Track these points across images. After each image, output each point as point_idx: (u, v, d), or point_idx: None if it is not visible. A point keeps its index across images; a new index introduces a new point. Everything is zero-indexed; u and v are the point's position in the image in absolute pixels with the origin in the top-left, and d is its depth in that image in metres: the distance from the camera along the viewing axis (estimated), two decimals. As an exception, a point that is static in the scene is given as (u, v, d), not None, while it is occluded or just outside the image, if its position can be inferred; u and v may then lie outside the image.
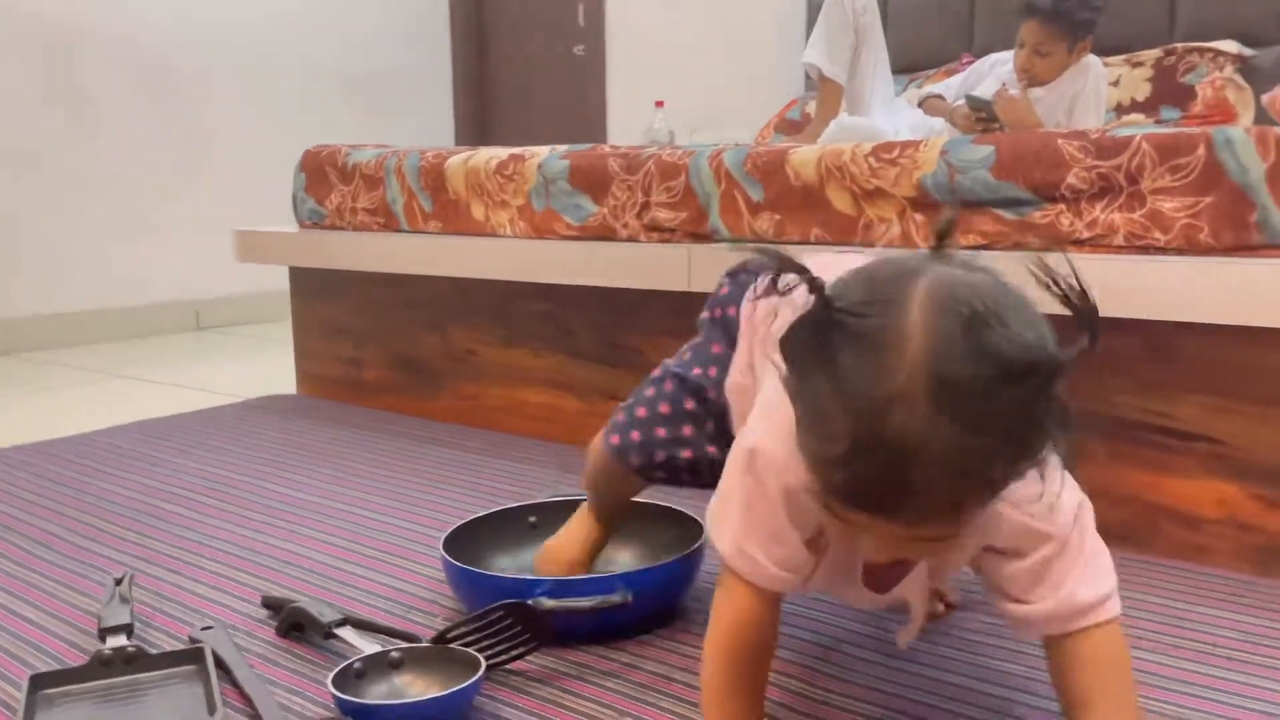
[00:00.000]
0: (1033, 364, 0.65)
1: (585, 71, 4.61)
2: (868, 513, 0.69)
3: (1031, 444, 0.68)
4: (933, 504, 0.67)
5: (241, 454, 1.89)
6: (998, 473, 0.68)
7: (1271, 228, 1.26)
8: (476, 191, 2.00)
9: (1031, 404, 0.66)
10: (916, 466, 0.65)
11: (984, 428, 0.65)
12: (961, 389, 0.64)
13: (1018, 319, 0.67)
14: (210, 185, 3.85)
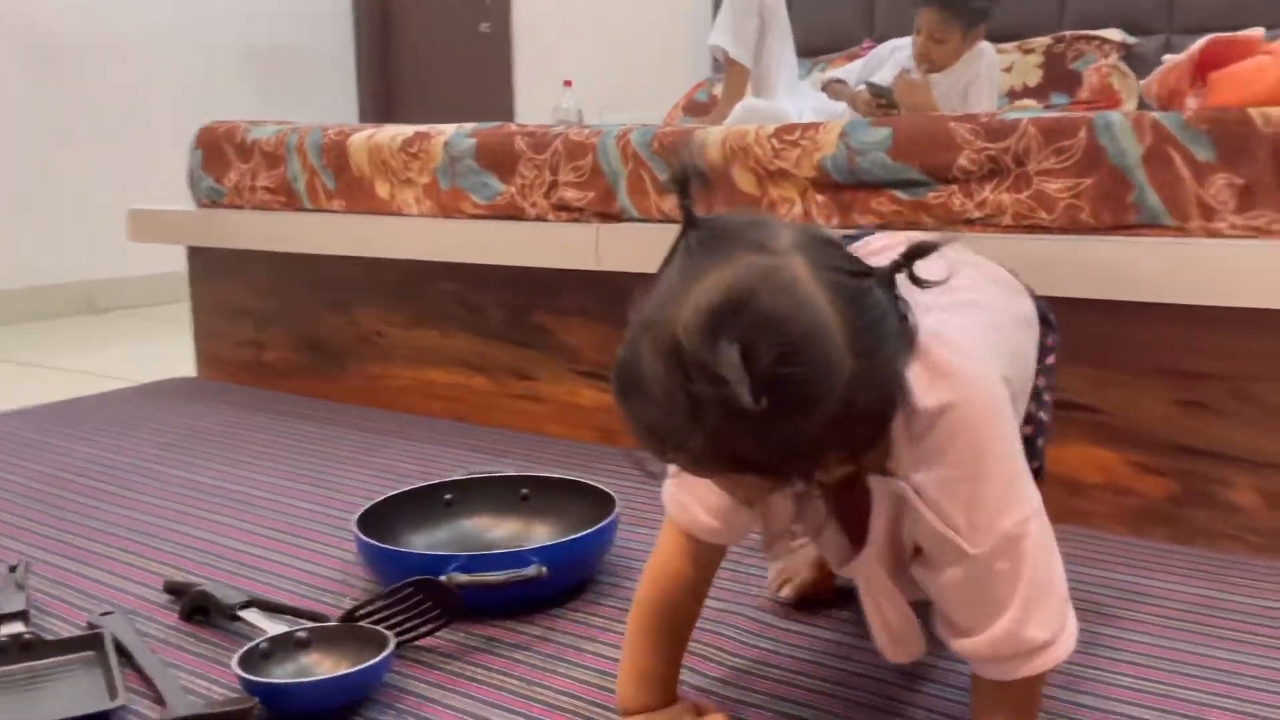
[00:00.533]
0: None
1: (492, 50, 4.57)
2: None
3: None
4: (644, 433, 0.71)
5: (140, 439, 1.84)
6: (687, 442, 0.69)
7: (1147, 208, 1.33)
8: (381, 169, 1.98)
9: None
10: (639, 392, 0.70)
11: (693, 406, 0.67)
12: (700, 363, 0.66)
13: (797, 352, 0.66)
14: (104, 163, 3.71)
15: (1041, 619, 0.78)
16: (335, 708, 0.93)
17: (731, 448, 0.69)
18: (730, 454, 0.69)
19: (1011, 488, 0.77)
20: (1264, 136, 1.26)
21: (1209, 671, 0.99)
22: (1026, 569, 0.77)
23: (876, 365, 0.69)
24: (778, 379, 0.65)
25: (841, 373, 0.67)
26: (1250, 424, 1.30)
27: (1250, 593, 1.17)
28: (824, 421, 0.68)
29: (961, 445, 0.76)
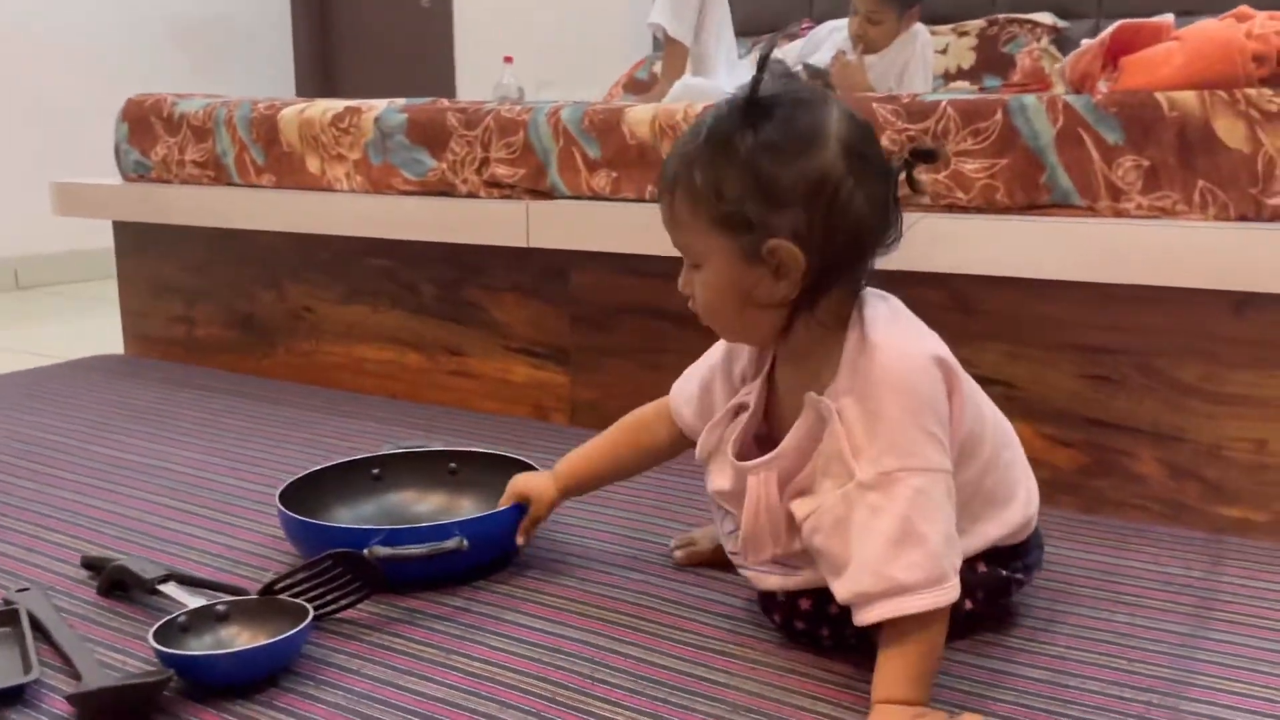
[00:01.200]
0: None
1: (432, 25, 4.52)
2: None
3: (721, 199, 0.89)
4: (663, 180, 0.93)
5: (63, 416, 1.82)
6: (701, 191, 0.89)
7: (1059, 188, 1.37)
8: (311, 144, 1.96)
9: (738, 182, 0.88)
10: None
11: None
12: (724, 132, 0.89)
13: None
14: (27, 136, 3.62)
15: (908, 562, 0.86)
16: (253, 679, 0.93)
17: (719, 180, 0.88)
18: (716, 189, 0.88)
19: (910, 440, 0.88)
20: (1169, 120, 1.30)
21: (1103, 634, 1.04)
22: (899, 509, 0.87)
23: (853, 187, 0.87)
24: (774, 116, 0.87)
25: (824, 154, 0.86)
26: (1154, 397, 1.35)
27: (1147, 559, 1.22)
28: (799, 183, 0.86)
29: (887, 386, 0.89)
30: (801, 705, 0.91)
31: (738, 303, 0.92)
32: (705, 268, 0.93)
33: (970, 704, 0.92)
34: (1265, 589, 1.13)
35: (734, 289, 0.92)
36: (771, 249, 0.88)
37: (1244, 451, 1.31)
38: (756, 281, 0.90)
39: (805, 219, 0.87)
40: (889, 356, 0.90)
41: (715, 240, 0.90)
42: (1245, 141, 1.27)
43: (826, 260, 0.89)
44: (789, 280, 0.89)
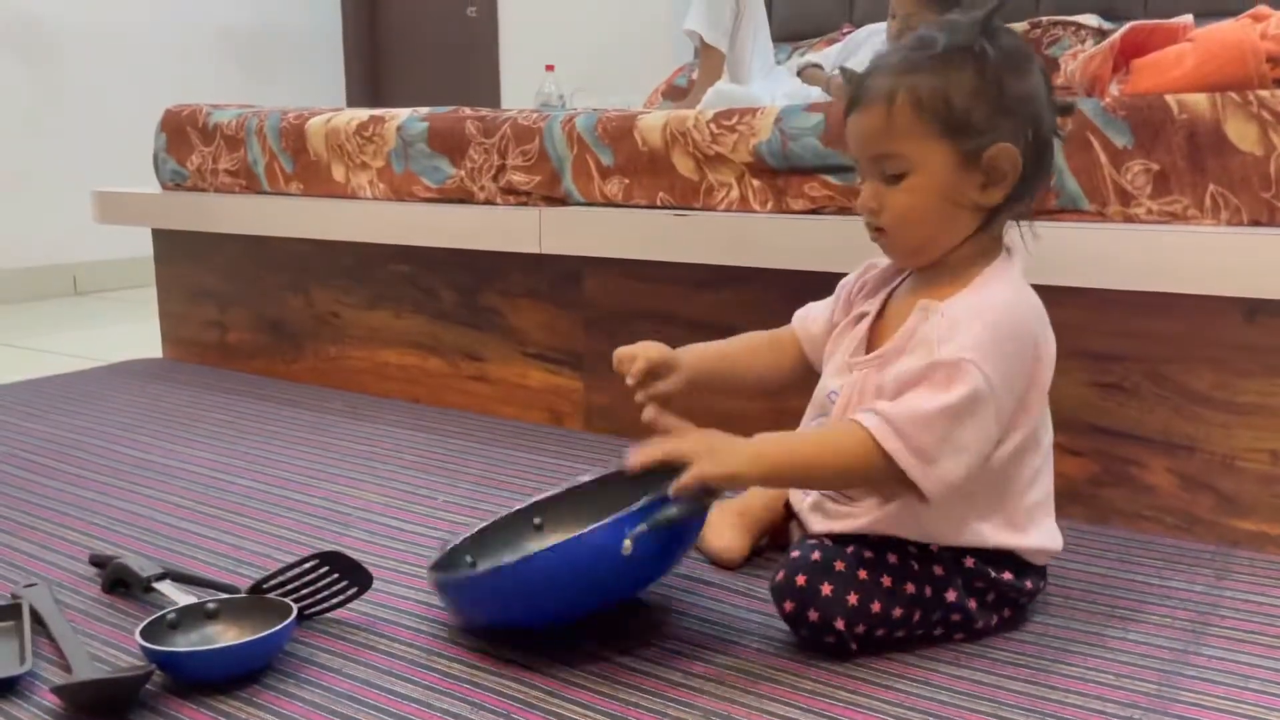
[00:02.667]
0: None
1: (478, 33, 4.58)
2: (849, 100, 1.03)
3: (969, 118, 0.97)
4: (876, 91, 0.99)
5: (96, 417, 1.87)
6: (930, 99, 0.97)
7: (1067, 192, 1.34)
8: (337, 153, 2.00)
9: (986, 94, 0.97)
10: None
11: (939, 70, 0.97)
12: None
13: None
14: (87, 145, 3.74)
15: (929, 426, 0.93)
16: (234, 676, 0.95)
17: (951, 86, 0.96)
18: (946, 96, 0.96)
19: (993, 354, 0.94)
20: (1179, 123, 1.27)
21: (1093, 648, 1.02)
22: (955, 398, 0.93)
23: (1049, 110, 1.00)
24: (1003, 35, 0.98)
25: (1038, 76, 0.99)
26: (1165, 406, 1.32)
27: (1150, 571, 1.19)
28: (1024, 96, 0.97)
29: (989, 306, 0.97)
30: (772, 711, 0.91)
31: (944, 208, 1.00)
32: (914, 174, 0.99)
33: (945, 713, 0.91)
34: (1268, 604, 1.10)
35: (943, 194, 0.99)
36: (994, 154, 0.97)
37: (1258, 463, 1.28)
38: (969, 188, 0.99)
39: (1024, 130, 0.97)
40: (1006, 294, 0.99)
41: (935, 144, 0.97)
42: (1258, 144, 1.24)
43: (1027, 173, 0.99)
44: (1000, 186, 0.99)
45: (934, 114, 0.97)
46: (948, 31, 0.98)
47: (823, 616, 0.98)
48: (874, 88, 0.99)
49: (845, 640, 0.98)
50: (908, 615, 1.00)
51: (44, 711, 0.92)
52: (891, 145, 0.99)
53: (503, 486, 1.49)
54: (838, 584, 0.98)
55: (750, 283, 1.59)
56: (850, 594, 0.98)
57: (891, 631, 1.00)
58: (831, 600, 0.98)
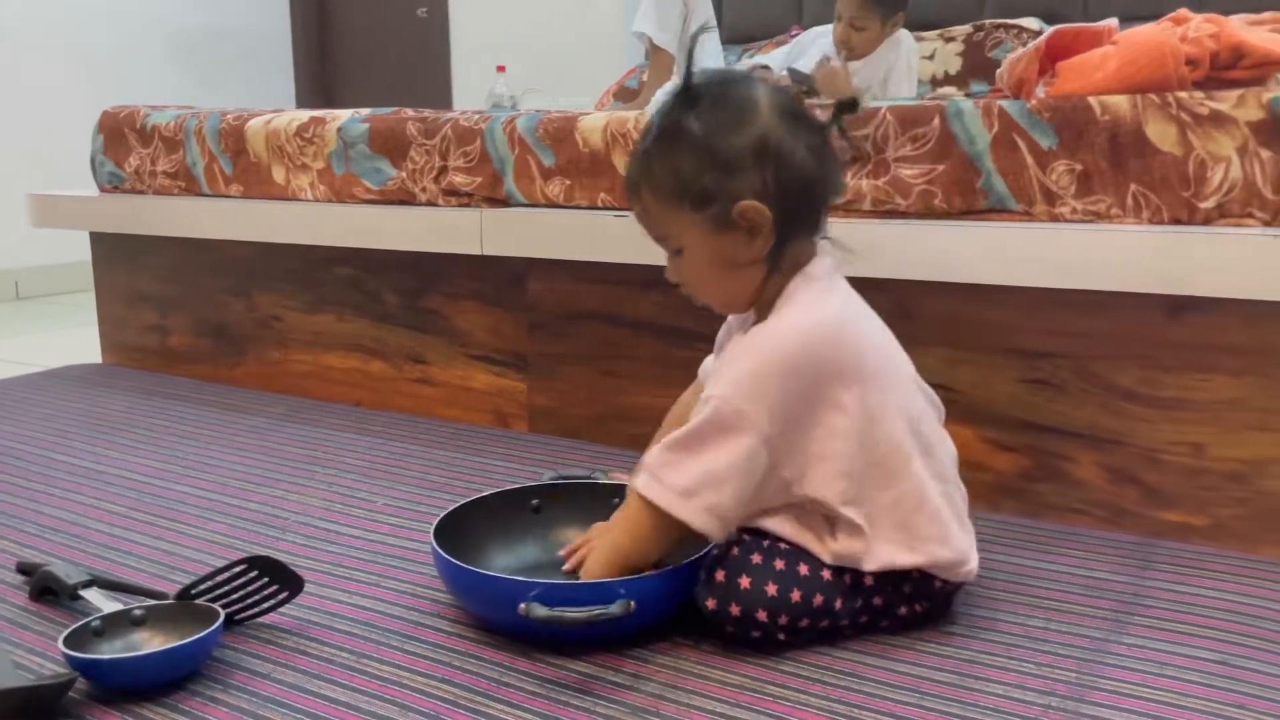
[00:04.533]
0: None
1: (429, 34, 4.56)
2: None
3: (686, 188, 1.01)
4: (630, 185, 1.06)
5: (29, 424, 1.84)
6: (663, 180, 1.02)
7: (995, 193, 1.37)
8: (277, 154, 1.98)
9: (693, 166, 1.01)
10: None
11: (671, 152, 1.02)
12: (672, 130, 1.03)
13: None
14: (30, 148, 3.67)
15: (677, 460, 0.99)
16: (158, 683, 0.95)
17: (676, 164, 1.01)
18: (675, 173, 1.01)
19: (752, 390, 0.98)
20: (1101, 124, 1.30)
21: (1016, 638, 1.04)
22: (704, 426, 0.98)
23: (793, 142, 1.00)
24: (707, 96, 1.01)
25: (760, 118, 1.00)
26: (1092, 402, 1.35)
27: (1075, 562, 1.22)
28: (746, 147, 0.99)
29: (766, 336, 1.01)
30: (701, 707, 0.92)
31: (723, 270, 1.05)
32: (686, 249, 1.05)
33: (870, 704, 0.92)
34: (1189, 594, 1.13)
35: (716, 259, 1.04)
36: (740, 211, 1.00)
37: (1182, 455, 1.31)
38: (734, 246, 1.02)
39: (760, 177, 1.00)
40: (778, 321, 1.02)
41: (687, 219, 1.02)
42: (1177, 145, 1.27)
43: (786, 210, 1.01)
44: (762, 235, 1.02)
45: (673, 194, 1.02)
46: (658, 113, 1.04)
47: (744, 610, 0.99)
48: (628, 177, 1.07)
49: (771, 632, 1.00)
50: (829, 603, 1.01)
51: (-37, 722, 0.91)
52: (658, 228, 1.06)
53: (445, 489, 1.49)
54: (755, 576, 1.00)
55: (690, 283, 1.60)
56: (769, 585, 0.99)
57: (815, 621, 1.01)
58: (751, 593, 0.99)
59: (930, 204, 1.41)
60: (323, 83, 4.88)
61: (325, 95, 4.82)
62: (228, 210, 2.04)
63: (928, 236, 1.39)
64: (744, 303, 1.09)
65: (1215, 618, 1.07)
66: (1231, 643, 1.02)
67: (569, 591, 1.01)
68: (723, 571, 1.00)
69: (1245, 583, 1.16)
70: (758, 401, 0.98)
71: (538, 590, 0.98)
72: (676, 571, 1.03)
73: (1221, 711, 0.90)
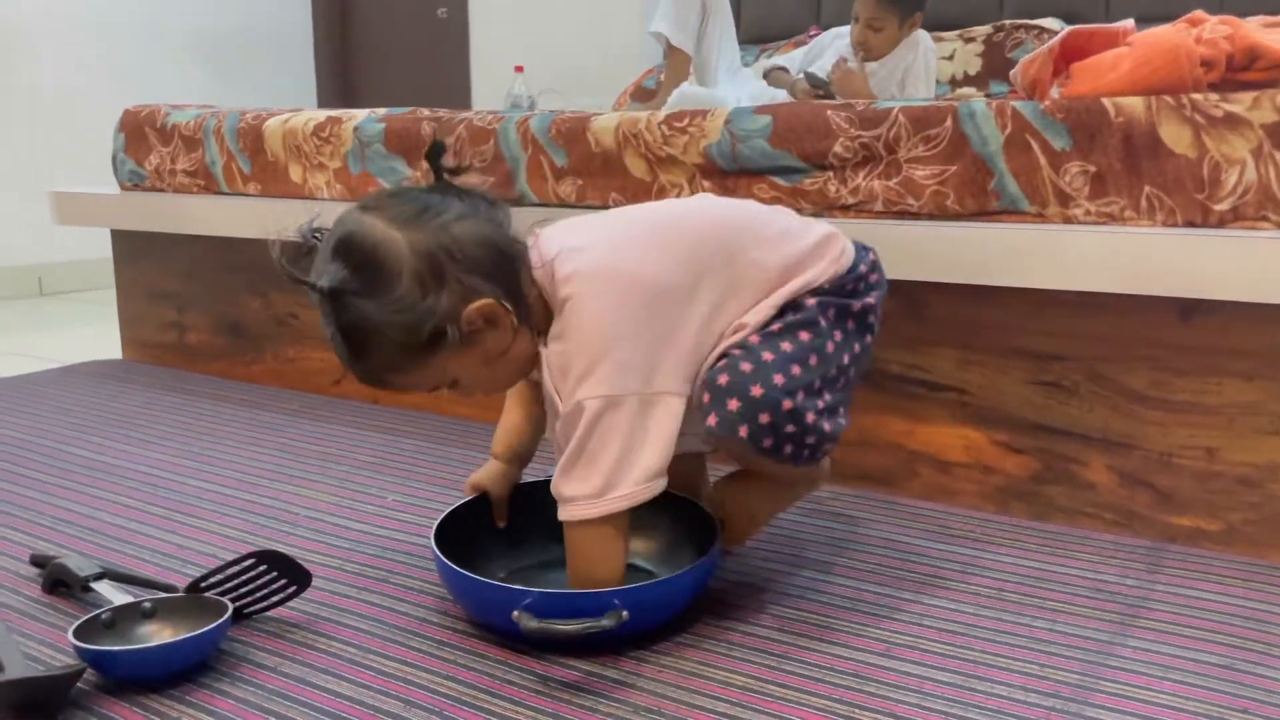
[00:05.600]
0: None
1: (449, 34, 4.58)
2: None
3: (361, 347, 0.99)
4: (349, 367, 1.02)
5: (48, 418, 1.87)
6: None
7: (1007, 194, 1.36)
8: (294, 154, 2.00)
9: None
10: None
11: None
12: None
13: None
14: (55, 146, 3.71)
15: (577, 476, 0.99)
16: (166, 674, 0.96)
17: (391, 343, 0.97)
18: (396, 351, 0.97)
19: (601, 369, 0.98)
20: (1115, 126, 1.29)
21: (1021, 639, 1.03)
22: (579, 433, 0.98)
23: (451, 229, 0.97)
24: (352, 261, 0.96)
25: (401, 241, 0.96)
26: (1104, 404, 1.34)
27: (1084, 565, 1.21)
28: (418, 277, 0.95)
29: (573, 327, 1.00)
30: (702, 706, 0.92)
31: (499, 365, 1.04)
32: (460, 378, 1.04)
33: (872, 705, 0.92)
34: (1196, 597, 1.12)
35: (488, 363, 1.03)
36: (468, 319, 0.98)
37: (1194, 460, 1.30)
38: (490, 345, 1.01)
39: (455, 287, 0.97)
40: (574, 303, 1.01)
41: (439, 363, 1.00)
42: (1191, 147, 1.26)
43: (498, 282, 0.99)
44: (505, 320, 1.00)
45: (408, 361, 0.99)
46: (328, 324, 0.99)
47: (772, 414, 1.00)
48: (364, 378, 1.03)
49: (804, 417, 1.02)
50: (823, 359, 1.06)
51: (-25, 711, 0.92)
52: (409, 380, 1.02)
53: (456, 486, 1.49)
54: (760, 379, 1.01)
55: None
56: (775, 376, 1.01)
57: (828, 386, 1.06)
58: (766, 393, 1.00)
59: (942, 205, 1.40)
60: (344, 82, 4.91)
61: (346, 95, 4.85)
62: (245, 209, 2.05)
63: (940, 238, 1.39)
64: (534, 360, 1.07)
65: (1222, 622, 1.06)
66: (1237, 647, 1.01)
67: (561, 601, 1.00)
68: (736, 400, 1.00)
69: (1254, 588, 1.15)
70: (611, 373, 0.98)
71: (530, 599, 0.98)
72: (670, 580, 1.04)
73: (1225, 716, 0.89)
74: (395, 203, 1.00)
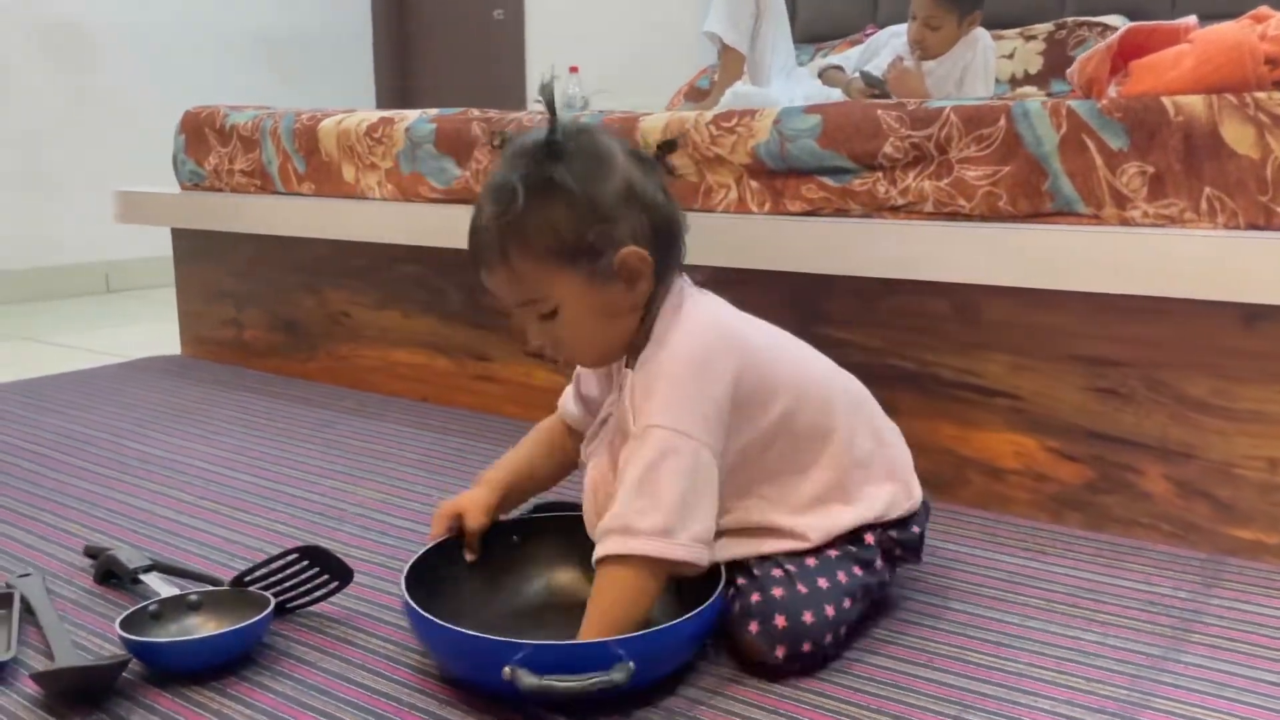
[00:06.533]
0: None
1: (505, 35, 4.61)
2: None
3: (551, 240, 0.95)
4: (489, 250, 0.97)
5: (108, 413, 1.91)
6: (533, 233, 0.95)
7: (1062, 195, 1.33)
8: (347, 154, 2.03)
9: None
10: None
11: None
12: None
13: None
14: (119, 146, 3.81)
15: (639, 507, 0.93)
16: (208, 666, 0.97)
17: (551, 221, 0.94)
18: (554, 231, 0.94)
19: (679, 409, 0.95)
20: (1175, 125, 1.25)
21: (1069, 652, 1.01)
22: (646, 457, 0.94)
23: (646, 183, 0.99)
24: (572, 148, 0.95)
25: (620, 164, 0.97)
26: (1162, 412, 1.31)
27: (1139, 578, 1.18)
28: (618, 195, 0.96)
29: (667, 358, 0.97)
30: (739, 713, 0.91)
31: (604, 323, 1.00)
32: (563, 308, 0.98)
33: (911, 716, 0.90)
34: (1253, 613, 1.08)
35: (598, 312, 0.99)
36: (622, 259, 0.96)
37: (1256, 471, 1.26)
38: (614, 297, 0.99)
39: (633, 224, 0.97)
40: (676, 333, 0.99)
41: (565, 278, 0.97)
42: (1254, 147, 1.22)
43: (660, 252, 0.99)
44: (644, 281, 0.99)
45: (550, 254, 0.96)
46: (520, 171, 0.96)
47: (814, 645, 0.98)
48: (486, 246, 0.98)
49: (822, 655, 0.99)
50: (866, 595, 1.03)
51: (25, 698, 0.94)
52: (529, 293, 0.98)
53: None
54: (814, 606, 0.98)
55: (748, 285, 1.58)
56: (828, 607, 0.98)
57: (851, 619, 1.02)
58: (817, 623, 0.98)
59: (995, 206, 1.37)
60: (402, 83, 4.97)
61: (404, 96, 4.91)
62: (300, 208, 2.09)
63: (992, 239, 1.36)
64: (619, 352, 1.04)
65: (1282, 639, 1.03)
66: (1298, 666, 0.98)
67: (560, 654, 0.88)
68: (783, 617, 0.97)
69: (1318, 604, 1.11)
70: (692, 414, 0.95)
71: (524, 652, 0.86)
72: (678, 626, 0.93)
73: (1282, 738, 0.86)
74: (631, 145, 1.02)
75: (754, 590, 0.99)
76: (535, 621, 1.06)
